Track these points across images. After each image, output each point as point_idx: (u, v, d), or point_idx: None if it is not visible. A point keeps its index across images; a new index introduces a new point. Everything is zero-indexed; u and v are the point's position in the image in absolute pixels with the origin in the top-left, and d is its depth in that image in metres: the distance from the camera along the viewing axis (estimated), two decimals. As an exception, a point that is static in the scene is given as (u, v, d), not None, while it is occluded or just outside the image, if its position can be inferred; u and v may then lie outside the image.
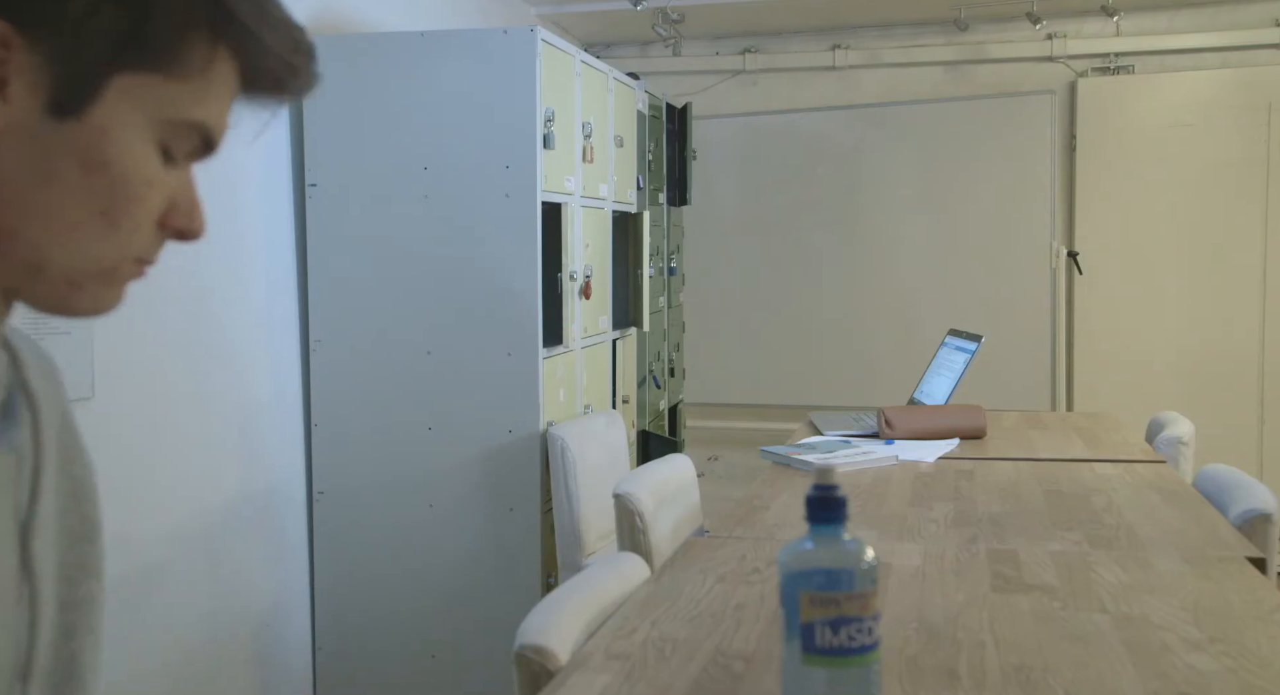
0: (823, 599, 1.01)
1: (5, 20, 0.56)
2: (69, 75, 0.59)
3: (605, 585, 1.62)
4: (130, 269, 0.68)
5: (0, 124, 0.58)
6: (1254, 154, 4.76)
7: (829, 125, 5.17)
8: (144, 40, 0.60)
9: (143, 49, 0.61)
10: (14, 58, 0.58)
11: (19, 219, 0.61)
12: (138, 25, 0.60)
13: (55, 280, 0.66)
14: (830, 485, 1.04)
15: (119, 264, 0.67)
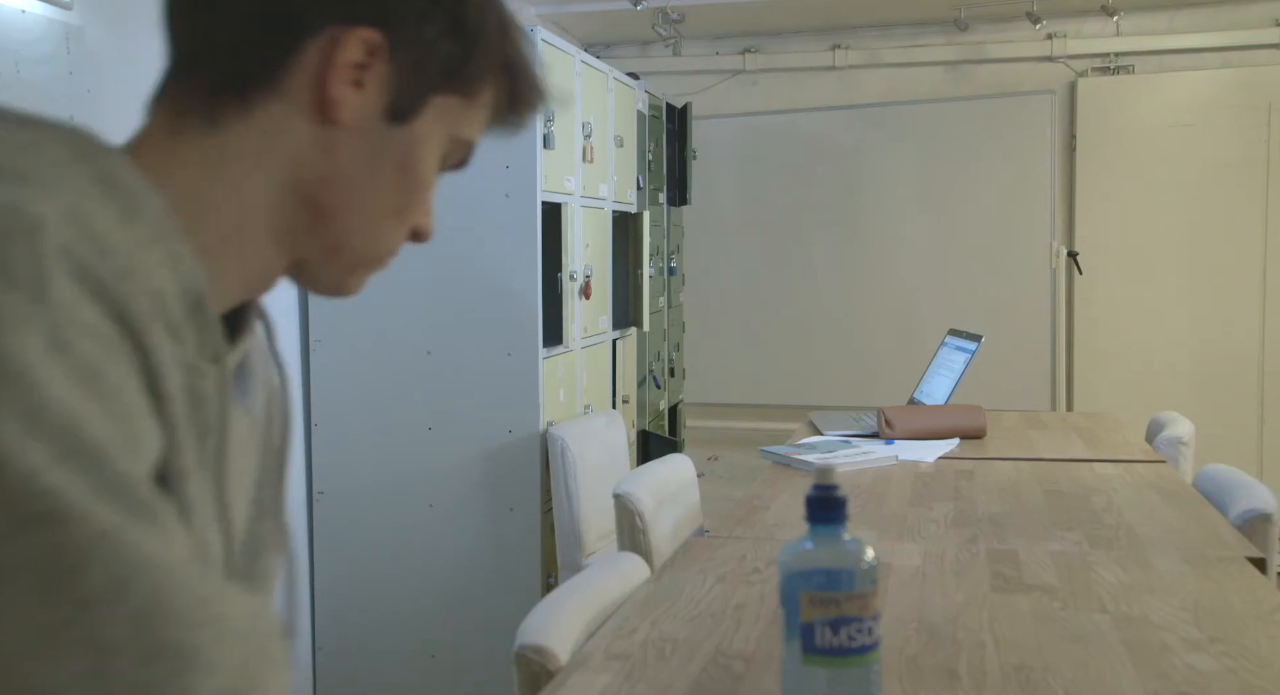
0: (823, 599, 1.01)
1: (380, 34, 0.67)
2: (408, 89, 0.70)
3: (605, 585, 1.62)
4: (386, 261, 0.79)
5: (352, 119, 0.68)
6: (1254, 154, 4.76)
7: (829, 125, 5.17)
8: (465, 70, 0.72)
9: (461, 77, 0.72)
10: (376, 66, 0.68)
11: (341, 203, 0.71)
12: (465, 57, 0.71)
13: (344, 262, 0.75)
14: (830, 485, 1.04)
15: (387, 256, 0.78)
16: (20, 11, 2.21)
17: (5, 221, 0.52)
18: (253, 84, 0.68)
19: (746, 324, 5.29)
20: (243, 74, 0.68)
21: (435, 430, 3.08)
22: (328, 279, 0.77)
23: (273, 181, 0.69)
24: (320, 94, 0.68)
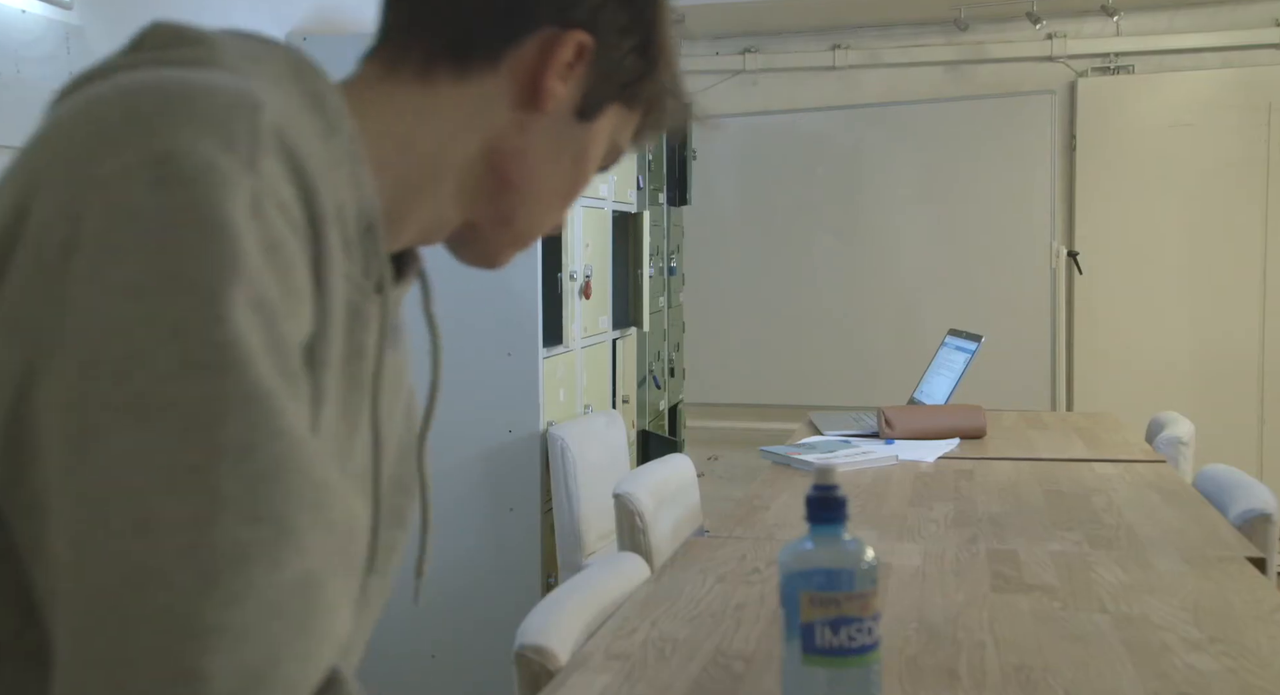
0: (823, 599, 1.01)
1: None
2: (597, 92, 0.79)
3: (605, 585, 1.62)
4: (531, 243, 0.87)
5: (551, 108, 0.77)
6: (1254, 154, 4.76)
7: (829, 125, 5.17)
8: (640, 85, 0.81)
9: (635, 91, 0.81)
10: (579, 67, 0.77)
11: (524, 178, 0.79)
12: (644, 74, 0.81)
13: (507, 234, 0.83)
14: (830, 485, 1.04)
15: (535, 237, 0.85)
16: (20, 11, 2.21)
17: (233, 98, 0.59)
18: (475, 57, 0.76)
19: (746, 324, 5.29)
20: (469, 46, 0.76)
21: (435, 430, 3.08)
22: (487, 247, 0.85)
23: (472, 144, 0.77)
24: (532, 81, 0.76)
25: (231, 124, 0.58)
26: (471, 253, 0.86)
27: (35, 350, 0.55)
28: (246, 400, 0.53)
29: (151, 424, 0.52)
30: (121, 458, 0.52)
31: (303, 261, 0.60)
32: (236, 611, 0.51)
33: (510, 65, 0.76)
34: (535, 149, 0.79)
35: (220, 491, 0.52)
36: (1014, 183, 4.93)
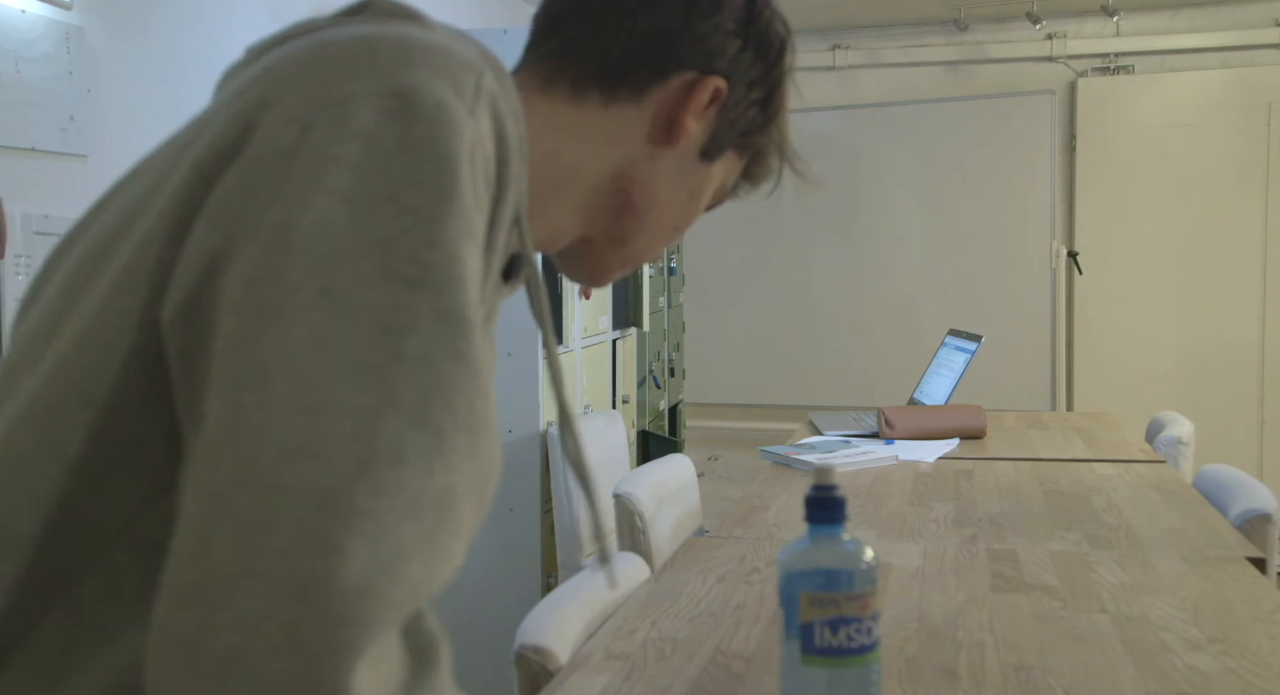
0: (822, 599, 1.01)
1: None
2: (720, 137, 0.85)
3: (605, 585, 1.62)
4: (638, 266, 0.91)
5: (682, 145, 0.83)
6: (1254, 154, 4.76)
7: (829, 125, 5.17)
8: (756, 135, 0.88)
9: (751, 140, 0.88)
10: (711, 111, 0.83)
11: (645, 205, 0.84)
12: (761, 126, 0.87)
13: (620, 254, 0.87)
14: (830, 485, 1.04)
15: (643, 262, 0.90)
16: (20, 11, 2.21)
17: (461, 58, 0.65)
18: (623, 88, 0.82)
19: (746, 324, 5.30)
20: (620, 77, 0.81)
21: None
22: (599, 264, 0.88)
23: (607, 166, 0.82)
24: (670, 118, 0.83)
25: (459, 76, 0.64)
26: (581, 268, 0.89)
27: (234, 232, 0.58)
28: (438, 318, 0.57)
29: (340, 319, 0.55)
30: (303, 342, 0.55)
31: (483, 217, 0.64)
32: (384, 503, 0.53)
33: (653, 100, 0.82)
34: (661, 180, 0.84)
35: (394, 393, 0.55)
36: (1014, 183, 4.93)
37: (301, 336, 0.55)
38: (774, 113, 0.88)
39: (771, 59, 0.86)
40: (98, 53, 2.42)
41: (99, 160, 2.42)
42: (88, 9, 2.39)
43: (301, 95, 0.61)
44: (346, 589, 0.51)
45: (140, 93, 2.55)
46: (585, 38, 0.81)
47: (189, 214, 0.61)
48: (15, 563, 0.60)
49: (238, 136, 0.61)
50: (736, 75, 0.84)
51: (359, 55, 0.63)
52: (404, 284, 0.57)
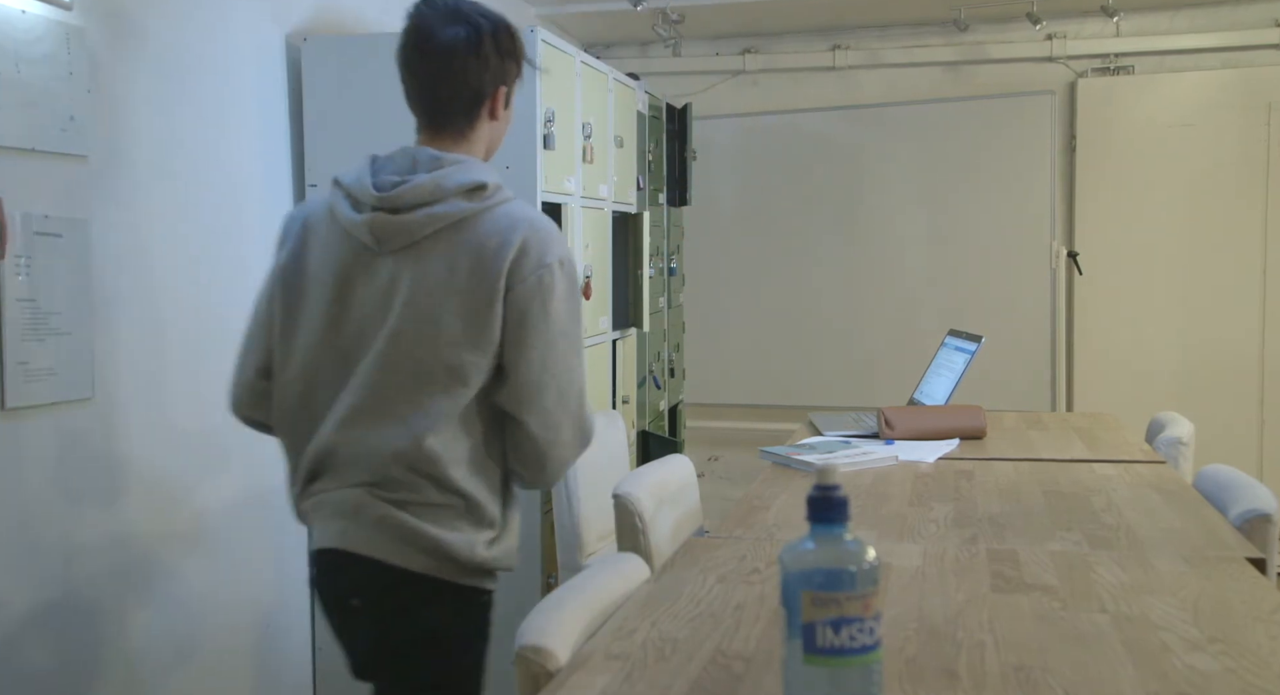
0: (824, 599, 1.01)
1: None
2: (508, 100, 1.86)
3: (605, 585, 1.62)
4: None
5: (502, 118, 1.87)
6: (1254, 154, 4.76)
7: (829, 125, 5.17)
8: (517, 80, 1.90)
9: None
10: (502, 98, 1.85)
11: (498, 143, 1.89)
12: (519, 76, 1.89)
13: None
14: (832, 485, 1.04)
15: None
16: (20, 12, 2.21)
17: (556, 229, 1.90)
18: (477, 115, 1.83)
19: (746, 324, 5.30)
20: (473, 112, 1.83)
21: (435, 430, 3.08)
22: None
23: (483, 142, 1.84)
24: (494, 112, 1.83)
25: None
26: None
27: (525, 314, 1.69)
28: (580, 340, 1.77)
29: (573, 345, 1.74)
30: (564, 352, 1.72)
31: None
32: (584, 391, 1.77)
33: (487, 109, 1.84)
34: (498, 133, 1.88)
35: (581, 364, 1.76)
36: (1014, 183, 4.93)
37: (563, 350, 1.72)
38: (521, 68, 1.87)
39: (517, 58, 1.86)
40: (98, 53, 2.42)
41: (99, 160, 2.42)
42: (88, 9, 2.39)
43: (537, 259, 1.71)
44: (587, 418, 1.77)
45: (140, 93, 2.55)
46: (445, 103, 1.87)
47: (494, 301, 1.69)
48: (465, 403, 1.71)
49: (511, 267, 1.69)
50: (511, 81, 1.85)
51: (547, 234, 1.74)
52: (576, 330, 1.76)
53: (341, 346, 1.73)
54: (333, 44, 3.09)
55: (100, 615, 2.46)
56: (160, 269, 2.63)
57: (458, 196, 1.71)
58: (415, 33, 1.83)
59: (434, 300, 1.67)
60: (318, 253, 1.77)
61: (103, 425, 2.44)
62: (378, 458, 1.68)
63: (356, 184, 1.77)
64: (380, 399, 1.69)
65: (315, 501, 1.75)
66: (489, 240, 1.68)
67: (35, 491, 2.28)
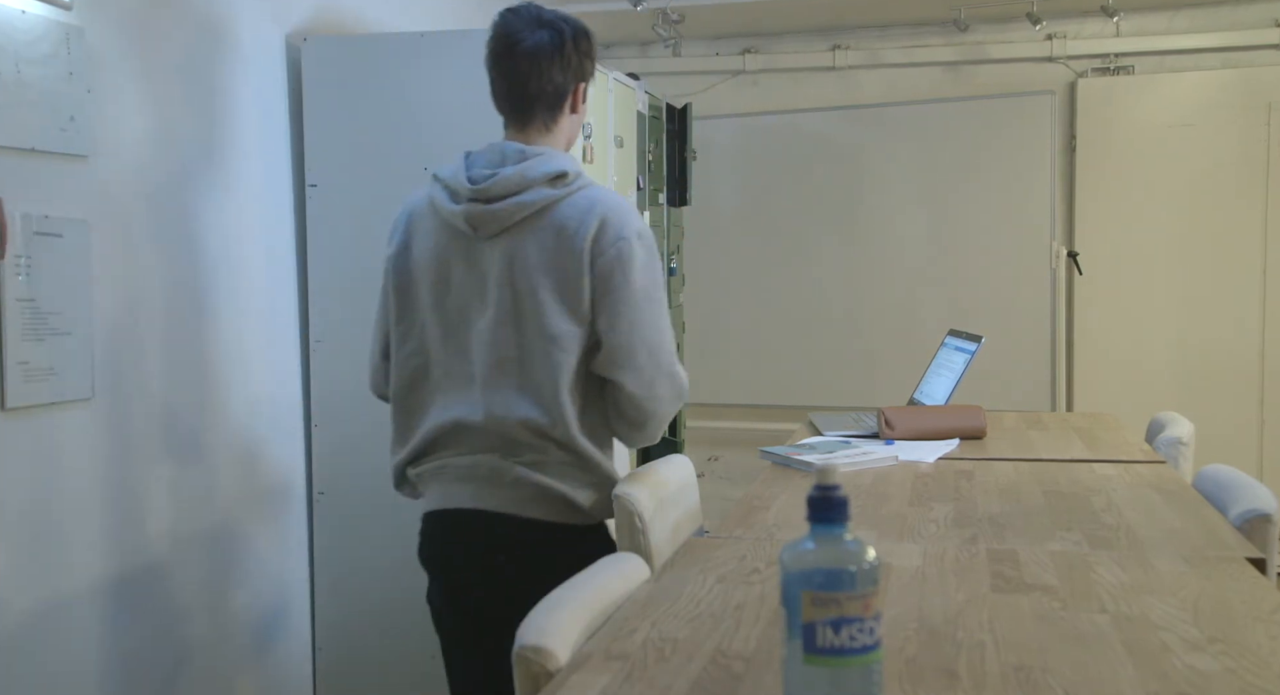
0: (824, 599, 1.01)
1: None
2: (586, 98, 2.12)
3: (605, 585, 1.62)
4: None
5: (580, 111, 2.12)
6: (1254, 154, 4.76)
7: (829, 125, 5.17)
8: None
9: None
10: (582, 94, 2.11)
11: (576, 135, 2.14)
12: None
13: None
14: (832, 485, 1.04)
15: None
16: (20, 12, 2.21)
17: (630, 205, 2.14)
18: (560, 110, 2.04)
19: (746, 324, 5.29)
20: (556, 108, 2.03)
21: (435, 430, 3.08)
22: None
23: (564, 134, 2.06)
24: (574, 106, 2.05)
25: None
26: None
27: (610, 282, 1.91)
28: (665, 305, 1.99)
29: (658, 308, 1.96)
30: (650, 315, 1.94)
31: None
32: (673, 350, 1.98)
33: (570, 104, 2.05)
34: (577, 126, 2.09)
35: (668, 326, 1.98)
36: (1014, 183, 4.93)
37: (651, 312, 1.94)
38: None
39: (592, 57, 2.07)
40: (98, 53, 2.42)
41: (99, 160, 2.43)
42: (88, 9, 2.39)
43: (616, 232, 1.92)
44: (679, 375, 2.00)
45: (140, 93, 2.55)
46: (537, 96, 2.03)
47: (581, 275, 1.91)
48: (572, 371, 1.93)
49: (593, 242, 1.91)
50: (588, 77, 2.06)
51: (626, 211, 1.96)
52: (660, 294, 1.97)
53: (449, 326, 1.98)
54: (333, 44, 3.10)
55: (100, 615, 2.46)
56: (160, 269, 2.63)
57: (542, 185, 1.92)
58: (504, 38, 1.99)
59: (530, 279, 1.91)
60: (422, 242, 2.02)
61: (103, 425, 2.44)
62: (504, 425, 1.94)
63: (453, 178, 1.98)
64: (498, 373, 1.94)
65: (437, 467, 2.01)
66: (570, 221, 1.91)
67: (35, 491, 2.28)
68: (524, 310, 1.92)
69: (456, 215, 1.95)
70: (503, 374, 1.94)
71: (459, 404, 1.97)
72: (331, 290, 3.11)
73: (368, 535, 3.14)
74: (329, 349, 3.13)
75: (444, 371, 1.99)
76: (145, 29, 2.57)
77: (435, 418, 1.99)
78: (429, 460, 2.03)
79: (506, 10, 2.01)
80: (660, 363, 1.95)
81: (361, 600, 3.15)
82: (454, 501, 2.01)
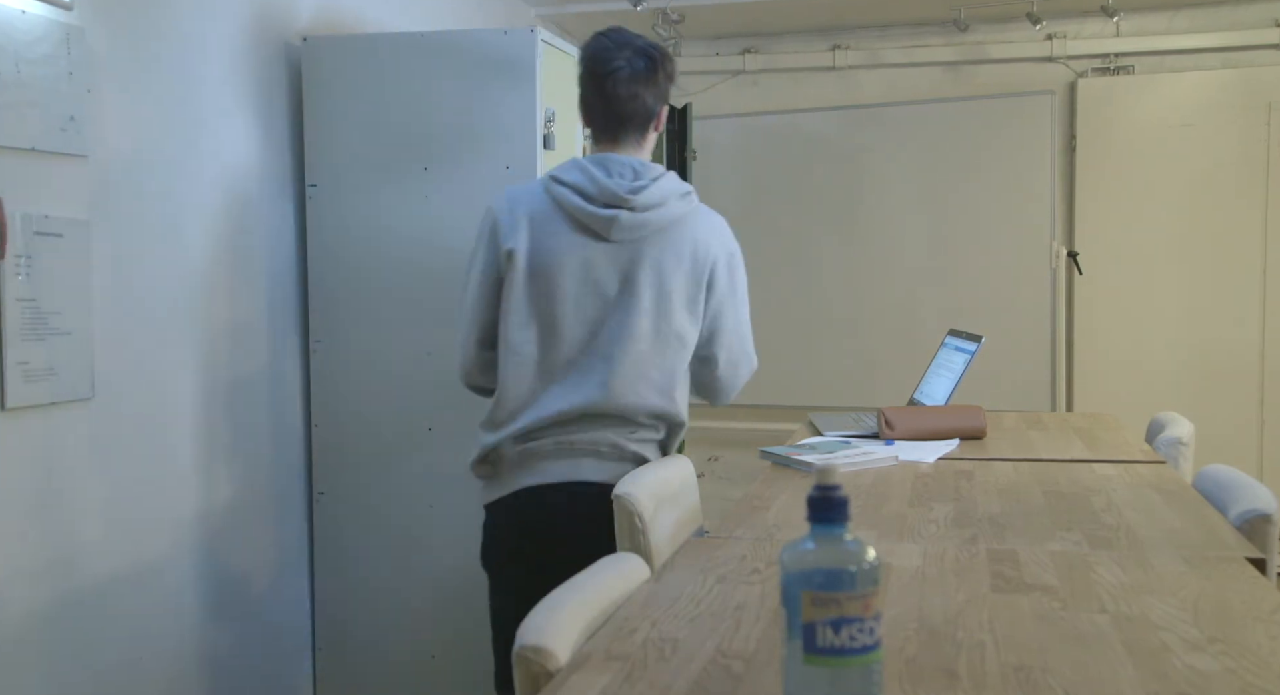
0: (824, 599, 1.01)
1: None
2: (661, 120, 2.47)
3: (605, 585, 1.62)
4: None
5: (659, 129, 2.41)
6: (1254, 154, 4.76)
7: (829, 125, 5.17)
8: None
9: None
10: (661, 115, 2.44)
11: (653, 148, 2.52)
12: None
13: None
14: (832, 485, 1.04)
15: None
16: (20, 12, 2.21)
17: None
18: (648, 129, 2.33)
19: (746, 324, 5.28)
20: (645, 127, 2.32)
21: (435, 430, 3.08)
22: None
23: (649, 149, 2.34)
24: (657, 125, 2.34)
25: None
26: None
27: (724, 291, 2.33)
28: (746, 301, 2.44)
29: (745, 304, 2.41)
30: (743, 314, 2.41)
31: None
32: (750, 336, 2.45)
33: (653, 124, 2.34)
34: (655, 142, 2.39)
35: (748, 318, 2.43)
36: (1014, 183, 4.93)
37: (742, 313, 2.40)
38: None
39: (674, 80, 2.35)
40: (98, 53, 2.42)
41: (99, 160, 2.42)
42: (88, 9, 2.39)
43: (725, 249, 2.33)
44: (753, 358, 2.48)
45: (140, 93, 2.55)
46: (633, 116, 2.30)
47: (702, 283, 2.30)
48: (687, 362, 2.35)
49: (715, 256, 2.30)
50: (665, 100, 2.28)
51: (728, 231, 2.36)
52: (746, 295, 2.42)
53: (582, 317, 2.24)
54: (333, 44, 3.10)
55: (100, 616, 2.46)
56: (160, 269, 2.63)
57: (676, 200, 2.26)
58: (601, 62, 2.27)
59: (667, 282, 2.24)
60: (552, 240, 2.23)
61: (103, 425, 2.44)
62: (634, 410, 2.25)
63: (590, 184, 2.22)
64: (630, 362, 2.23)
65: (554, 444, 2.25)
66: (701, 235, 2.28)
67: (35, 491, 2.28)
68: (660, 309, 2.24)
69: (599, 218, 2.20)
70: (634, 363, 2.23)
71: (585, 387, 2.23)
72: (331, 290, 3.11)
73: (368, 535, 3.14)
74: (329, 349, 3.13)
75: (568, 359, 2.24)
76: (145, 29, 2.57)
77: (557, 401, 2.23)
78: (545, 437, 2.25)
79: (600, 35, 2.31)
80: (746, 349, 2.43)
81: (361, 601, 3.15)
82: (570, 474, 2.25)
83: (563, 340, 2.25)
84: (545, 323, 2.25)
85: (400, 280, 3.07)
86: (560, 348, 2.25)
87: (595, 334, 2.24)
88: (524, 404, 2.26)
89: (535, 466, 2.27)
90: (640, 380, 2.25)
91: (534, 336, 2.25)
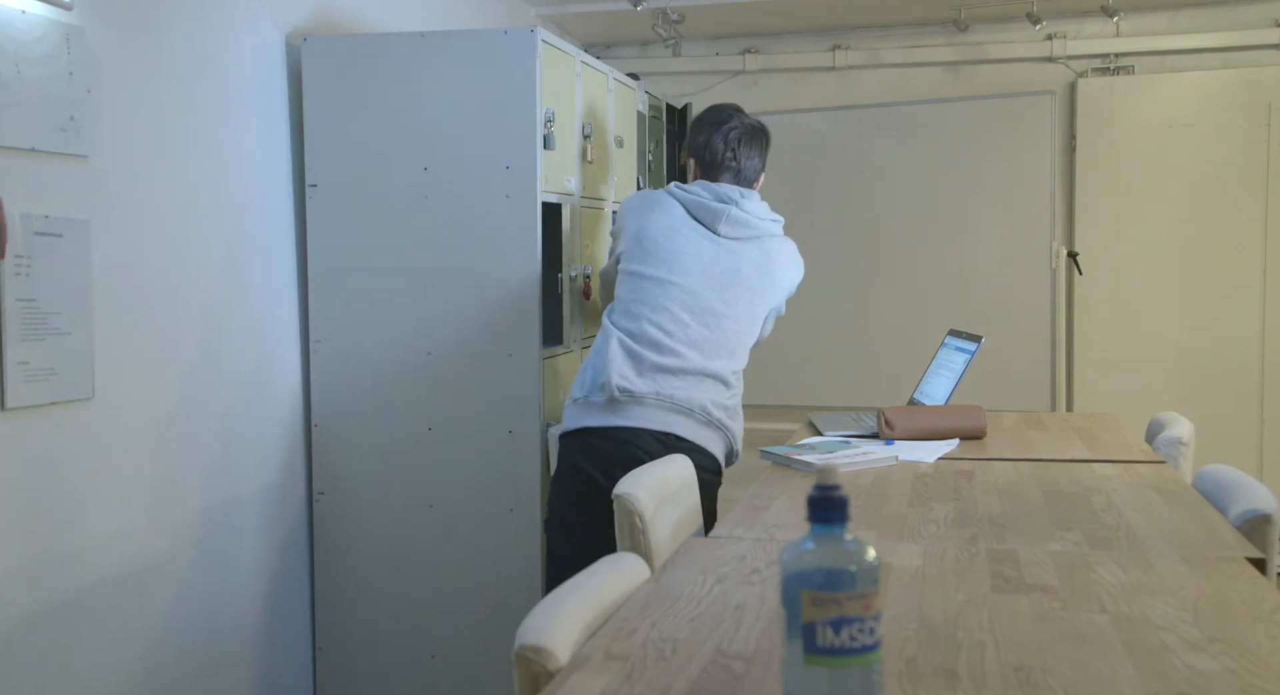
0: (824, 599, 1.01)
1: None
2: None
3: (605, 585, 1.62)
4: None
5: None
6: (1254, 154, 4.76)
7: (829, 125, 5.17)
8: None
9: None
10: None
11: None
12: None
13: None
14: (832, 485, 1.04)
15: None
16: (20, 12, 2.21)
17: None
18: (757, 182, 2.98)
19: (746, 324, 5.28)
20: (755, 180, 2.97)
21: (435, 430, 3.08)
22: None
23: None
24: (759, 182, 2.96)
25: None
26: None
27: (783, 295, 2.93)
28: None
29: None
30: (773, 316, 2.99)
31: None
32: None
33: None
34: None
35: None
36: (1014, 183, 4.93)
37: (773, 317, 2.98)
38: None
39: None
40: (98, 53, 2.42)
41: (99, 160, 2.43)
42: (88, 9, 2.39)
43: (797, 270, 2.94)
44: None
45: (140, 93, 2.55)
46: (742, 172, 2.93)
47: (776, 292, 2.90)
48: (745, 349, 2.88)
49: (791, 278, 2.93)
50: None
51: (798, 255, 2.94)
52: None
53: (694, 292, 2.75)
54: (333, 44, 3.10)
55: (100, 616, 2.46)
56: (160, 269, 2.63)
57: (768, 219, 2.86)
58: (735, 128, 2.88)
59: (754, 282, 2.80)
60: (680, 226, 2.79)
61: (103, 425, 2.44)
62: (718, 376, 2.74)
63: (708, 192, 2.81)
64: (722, 338, 2.75)
65: (655, 391, 2.67)
66: (783, 256, 2.88)
67: (35, 491, 2.28)
68: (750, 300, 2.79)
69: (720, 213, 2.77)
70: (728, 343, 2.77)
71: (691, 355, 2.71)
72: (331, 290, 3.11)
73: (368, 535, 3.14)
74: (329, 349, 3.13)
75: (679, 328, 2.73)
76: (145, 29, 2.57)
77: (667, 359, 2.69)
78: (649, 382, 2.68)
79: (728, 107, 2.93)
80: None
81: (361, 600, 3.15)
82: (655, 424, 2.67)
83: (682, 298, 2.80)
84: (656, 290, 2.79)
85: (400, 280, 3.07)
86: (673, 309, 2.79)
87: (702, 308, 2.79)
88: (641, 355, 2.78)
89: (635, 409, 2.73)
90: (722, 351, 2.80)
91: (659, 294, 2.79)
